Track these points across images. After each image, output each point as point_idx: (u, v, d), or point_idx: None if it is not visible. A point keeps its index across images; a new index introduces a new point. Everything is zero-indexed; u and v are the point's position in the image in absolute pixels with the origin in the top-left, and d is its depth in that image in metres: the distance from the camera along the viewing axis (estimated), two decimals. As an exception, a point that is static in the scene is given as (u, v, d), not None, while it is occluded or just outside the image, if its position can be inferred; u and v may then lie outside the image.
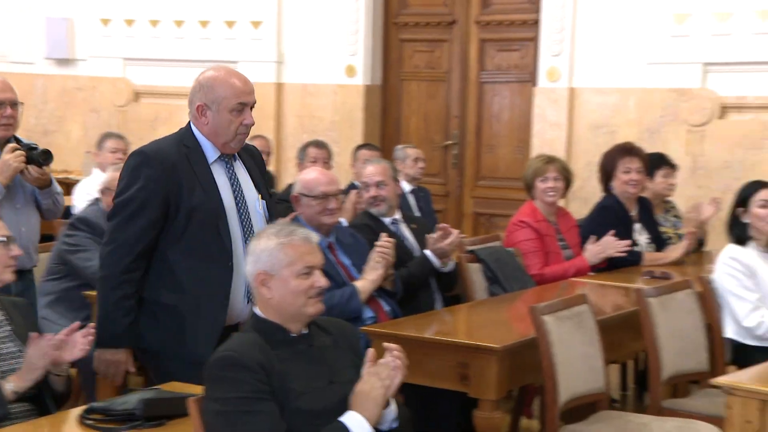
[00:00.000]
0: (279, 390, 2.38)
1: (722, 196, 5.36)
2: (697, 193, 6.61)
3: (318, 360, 2.52)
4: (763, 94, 6.84)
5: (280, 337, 2.49)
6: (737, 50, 6.88)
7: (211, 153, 3.14)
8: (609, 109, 7.39)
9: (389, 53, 8.41)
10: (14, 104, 3.98)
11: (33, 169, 3.89)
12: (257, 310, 2.54)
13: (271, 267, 2.50)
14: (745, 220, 4.13)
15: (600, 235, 4.98)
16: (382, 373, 2.39)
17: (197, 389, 2.57)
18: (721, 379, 3.11)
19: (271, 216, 3.28)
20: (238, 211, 3.14)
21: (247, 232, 3.12)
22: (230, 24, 8.62)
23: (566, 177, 5.14)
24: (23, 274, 3.89)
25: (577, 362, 3.55)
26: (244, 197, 3.16)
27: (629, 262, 5.02)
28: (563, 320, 3.54)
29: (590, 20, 7.37)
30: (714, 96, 7.00)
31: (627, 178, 5.16)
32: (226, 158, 3.18)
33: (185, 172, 3.06)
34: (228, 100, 3.06)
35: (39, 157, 3.92)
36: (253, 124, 3.14)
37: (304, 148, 6.15)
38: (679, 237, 5.38)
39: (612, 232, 4.96)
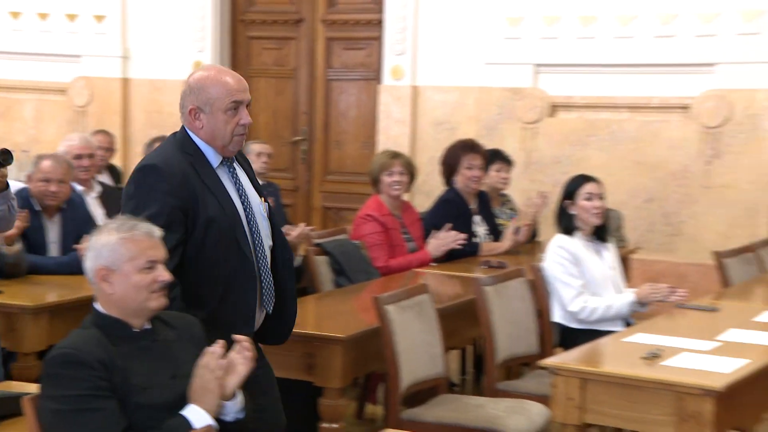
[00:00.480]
0: (120, 386, 2.33)
1: (553, 190, 5.58)
2: (530, 186, 6.86)
3: (161, 355, 2.48)
4: (588, 93, 7.19)
5: (121, 333, 2.44)
6: (564, 53, 7.20)
7: (213, 159, 2.87)
8: (450, 107, 7.57)
9: (237, 50, 8.34)
10: None
11: None
12: (98, 306, 2.48)
13: (113, 262, 2.44)
14: (572, 211, 4.31)
15: (442, 228, 5.12)
16: (211, 365, 2.39)
17: (33, 387, 2.49)
18: (547, 361, 3.27)
19: (272, 218, 3.03)
20: (247, 217, 2.89)
21: (257, 239, 2.89)
22: (72, 17, 8.32)
23: (410, 171, 5.25)
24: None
25: (418, 349, 3.64)
26: (249, 203, 2.91)
27: (468, 252, 5.18)
28: (405, 309, 3.63)
29: (431, 21, 7.54)
30: (544, 95, 7.30)
31: (470, 174, 5.32)
32: (228, 163, 2.92)
33: (196, 181, 2.79)
34: (221, 100, 2.80)
35: None
36: (250, 123, 2.89)
37: (151, 143, 6.03)
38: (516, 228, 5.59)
39: (450, 226, 5.10)
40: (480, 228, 5.45)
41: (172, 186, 2.73)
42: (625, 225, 6.33)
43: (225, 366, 2.42)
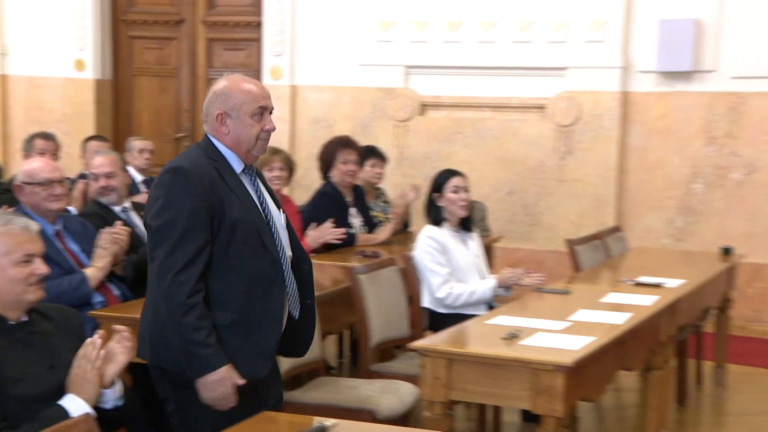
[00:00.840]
0: (-7, 380, 2.24)
1: (423, 184, 5.65)
2: (403, 180, 6.94)
3: (38, 346, 2.39)
4: (455, 94, 7.31)
5: (-3, 326, 2.34)
6: (433, 56, 7.30)
7: (236, 165, 2.74)
8: (326, 106, 7.57)
9: (119, 49, 8.10)
10: None
11: None
12: (-27, 301, 2.37)
13: (-12, 257, 2.33)
14: (440, 203, 4.36)
15: (320, 220, 5.10)
16: (91, 355, 2.32)
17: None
18: (416, 343, 3.29)
19: (290, 229, 2.89)
20: (268, 224, 2.76)
21: (279, 246, 2.73)
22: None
23: (290, 167, 5.20)
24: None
25: (296, 335, 3.60)
26: (270, 211, 2.78)
27: (345, 243, 5.18)
28: (283, 298, 3.58)
29: (308, 24, 7.51)
30: (415, 95, 7.38)
31: (346, 168, 5.32)
32: (249, 171, 2.79)
33: (221, 185, 2.66)
34: (247, 105, 2.70)
35: None
36: (274, 130, 2.76)
37: (31, 139, 5.78)
38: (389, 220, 5.63)
39: (332, 220, 5.09)
40: (355, 220, 5.45)
41: (199, 188, 2.59)
42: (488, 216, 6.47)
43: (103, 356, 2.35)
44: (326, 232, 5.07)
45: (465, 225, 4.44)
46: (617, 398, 5.00)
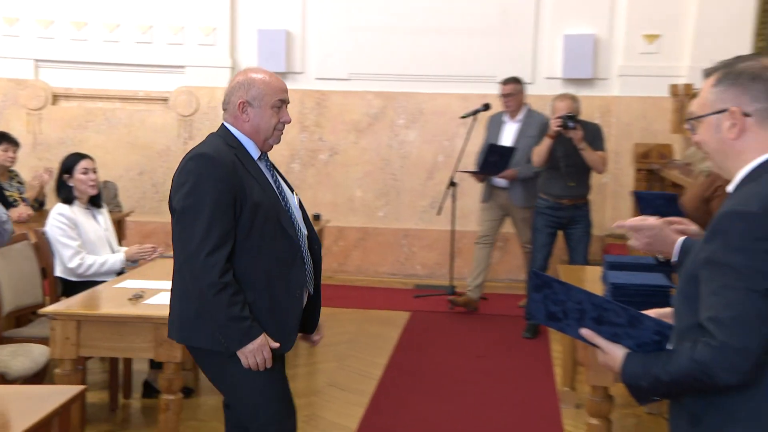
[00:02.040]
0: None
1: (58, 167, 5.30)
2: (39, 163, 6.41)
3: None
4: (86, 86, 6.93)
5: None
6: (62, 51, 6.84)
7: (253, 152, 2.50)
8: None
9: None
10: None
11: None
12: None
13: None
14: (70, 183, 4.14)
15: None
16: None
17: None
18: (46, 309, 3.11)
19: (303, 209, 2.62)
20: (285, 205, 2.50)
21: (296, 226, 2.49)
22: None
23: None
24: None
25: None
26: (284, 193, 2.53)
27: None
28: None
29: None
30: (46, 86, 6.85)
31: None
32: (265, 157, 2.55)
33: (241, 169, 2.42)
34: (270, 96, 2.47)
35: None
36: (290, 122, 2.54)
37: None
38: (23, 200, 5.20)
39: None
40: None
41: (223, 173, 2.36)
42: (120, 194, 6.23)
43: None
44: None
45: (94, 202, 4.25)
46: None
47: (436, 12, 6.78)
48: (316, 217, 5.63)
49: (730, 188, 1.63)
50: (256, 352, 2.38)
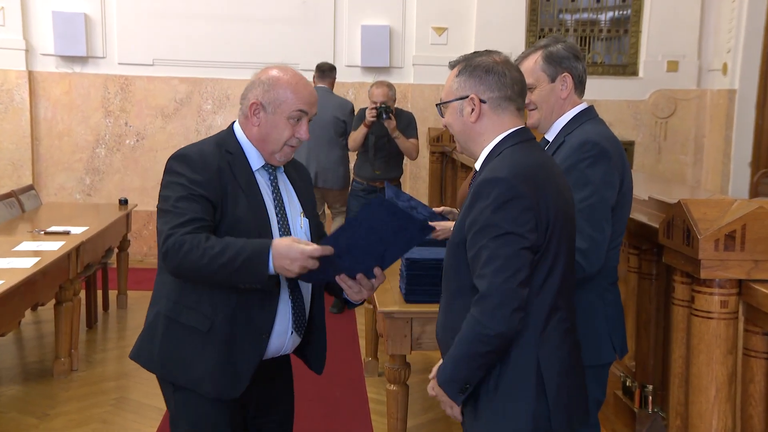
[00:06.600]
0: None
1: None
2: None
3: None
4: None
5: None
6: None
7: (255, 160, 2.08)
8: None
9: None
10: None
11: None
12: None
13: None
14: None
15: None
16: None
17: None
18: None
19: (314, 235, 2.14)
20: (279, 226, 2.05)
21: None
22: None
23: None
24: None
25: None
26: (285, 211, 2.08)
27: None
28: None
29: None
30: None
31: None
32: (269, 168, 2.11)
33: (229, 179, 2.00)
34: (289, 104, 2.03)
35: None
36: (306, 140, 2.06)
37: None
38: None
39: None
40: None
41: (202, 177, 1.96)
42: None
43: None
44: None
45: None
46: (36, 330, 4.88)
47: (238, 0, 6.72)
48: (123, 202, 5.43)
49: (477, 165, 1.83)
50: (284, 256, 1.84)
